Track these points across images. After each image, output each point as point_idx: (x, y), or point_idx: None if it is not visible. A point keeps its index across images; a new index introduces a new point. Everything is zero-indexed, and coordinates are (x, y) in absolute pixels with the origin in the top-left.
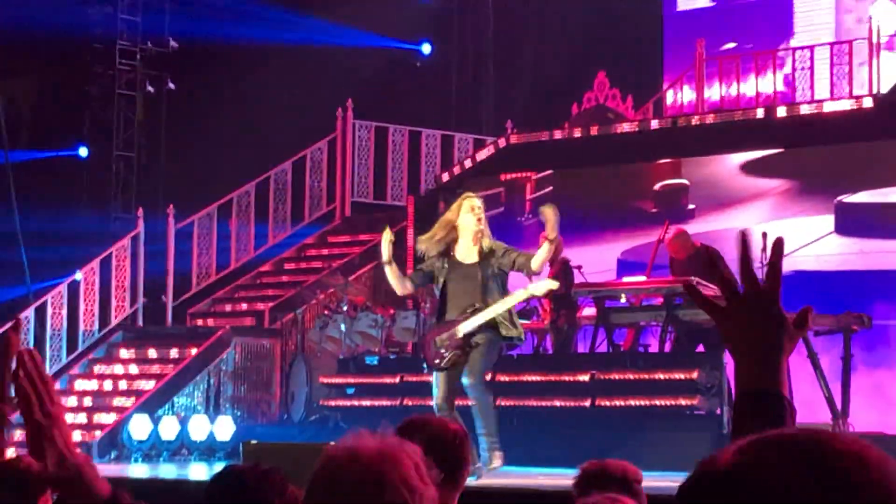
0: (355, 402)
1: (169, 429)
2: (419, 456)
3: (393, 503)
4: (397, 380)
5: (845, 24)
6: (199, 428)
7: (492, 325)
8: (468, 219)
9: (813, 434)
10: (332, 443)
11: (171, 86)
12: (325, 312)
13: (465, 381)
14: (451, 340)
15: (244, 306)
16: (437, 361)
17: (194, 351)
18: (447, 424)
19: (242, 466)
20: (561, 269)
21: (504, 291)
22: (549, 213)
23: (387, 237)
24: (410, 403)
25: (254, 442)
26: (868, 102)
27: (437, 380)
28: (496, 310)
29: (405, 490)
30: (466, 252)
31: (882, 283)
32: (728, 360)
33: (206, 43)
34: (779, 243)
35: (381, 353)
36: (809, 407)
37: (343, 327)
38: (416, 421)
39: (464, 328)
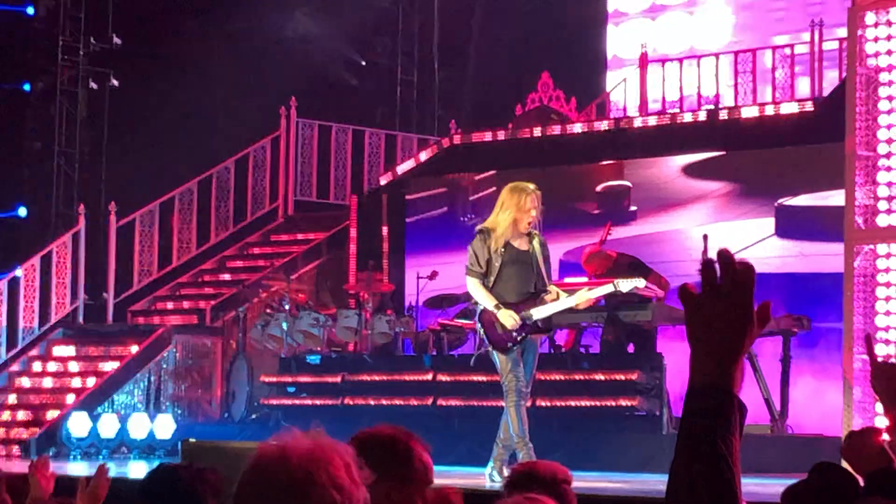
0: (296, 401)
1: (109, 427)
2: (351, 456)
3: (322, 503)
4: (339, 379)
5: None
6: (139, 426)
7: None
8: (527, 211)
9: None
10: (264, 442)
11: (114, 83)
12: (267, 311)
13: (525, 389)
14: (524, 324)
15: (186, 304)
16: (508, 344)
17: (135, 349)
18: (393, 429)
19: (177, 464)
20: None
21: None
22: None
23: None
24: (352, 402)
25: (193, 440)
26: (809, 106)
27: (505, 364)
28: (576, 299)
29: (334, 490)
30: (519, 239)
31: (821, 285)
32: (668, 362)
33: (149, 40)
34: (725, 254)
35: (323, 352)
36: (748, 408)
37: (285, 326)
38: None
39: (538, 313)
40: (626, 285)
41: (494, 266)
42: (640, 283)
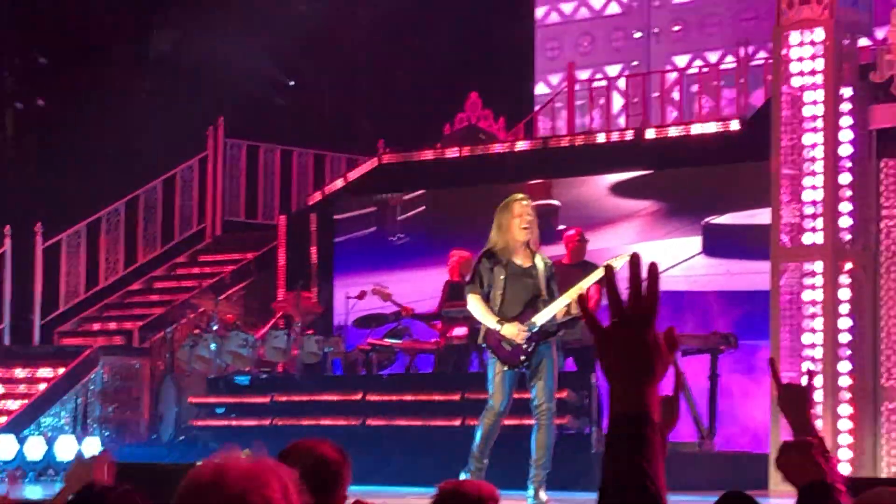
0: (225, 422)
1: (35, 449)
2: (290, 478)
3: None
4: (268, 399)
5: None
6: (66, 448)
7: (553, 348)
8: (517, 216)
9: None
10: (200, 462)
11: (41, 102)
12: (196, 332)
13: (547, 404)
14: (530, 333)
15: (113, 325)
16: (522, 358)
17: (62, 370)
18: (328, 447)
19: (102, 486)
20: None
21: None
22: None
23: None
24: (281, 423)
25: (121, 462)
26: (735, 125)
27: (499, 384)
28: (571, 295)
29: None
30: (523, 256)
31: (748, 303)
32: (600, 380)
33: (76, 60)
34: (654, 268)
35: (252, 373)
36: (676, 426)
37: (213, 347)
38: (297, 446)
39: (540, 318)
40: (619, 262)
41: (499, 281)
42: (616, 264)
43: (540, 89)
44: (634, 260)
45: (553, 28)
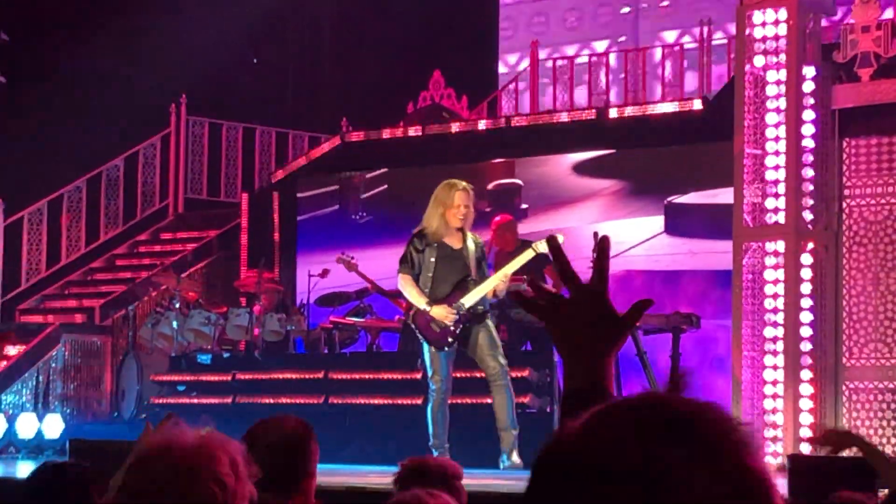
0: (187, 400)
1: None
2: (238, 452)
3: (203, 497)
4: (230, 377)
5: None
6: (27, 426)
7: (488, 318)
8: (456, 207)
9: (651, 399)
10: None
11: (1, 79)
12: (157, 310)
13: (495, 364)
14: (458, 315)
15: (74, 303)
16: (449, 339)
17: (22, 348)
18: (292, 422)
19: (62, 462)
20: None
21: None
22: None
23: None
24: (243, 401)
25: (83, 440)
26: (697, 105)
27: (435, 364)
28: (498, 276)
29: (215, 486)
30: (454, 237)
31: (711, 283)
32: (558, 359)
33: (38, 36)
34: (604, 242)
35: (214, 351)
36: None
37: (175, 324)
38: (263, 422)
39: (469, 300)
40: (544, 245)
41: (429, 263)
42: (558, 238)
43: (503, 67)
44: (604, 242)
45: (526, 5)
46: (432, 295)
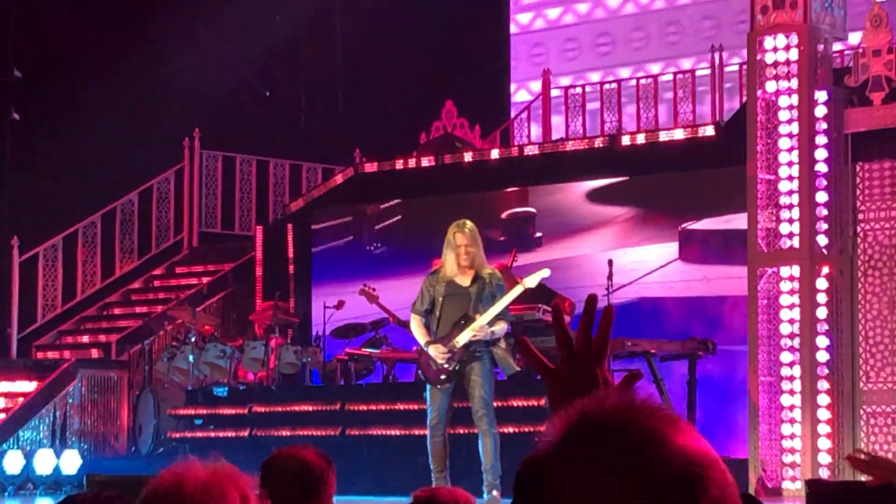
0: (204, 434)
1: (13, 463)
2: (249, 486)
3: None
4: (246, 411)
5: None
6: (45, 462)
7: (490, 357)
8: (456, 245)
9: (617, 415)
10: (161, 471)
11: (16, 116)
12: (173, 343)
13: (478, 408)
14: (451, 353)
15: (91, 338)
16: (442, 377)
17: (40, 384)
18: (310, 454)
19: (84, 495)
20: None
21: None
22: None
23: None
24: (259, 434)
25: (100, 475)
26: (710, 131)
27: (432, 398)
28: (491, 313)
29: None
30: (463, 276)
31: (726, 308)
32: None
33: (51, 73)
34: (608, 311)
35: (230, 384)
36: None
37: (191, 358)
38: (282, 452)
39: (462, 339)
40: (532, 280)
41: (438, 302)
42: (545, 273)
43: (521, 96)
44: (589, 301)
45: (537, 34)
46: (438, 333)
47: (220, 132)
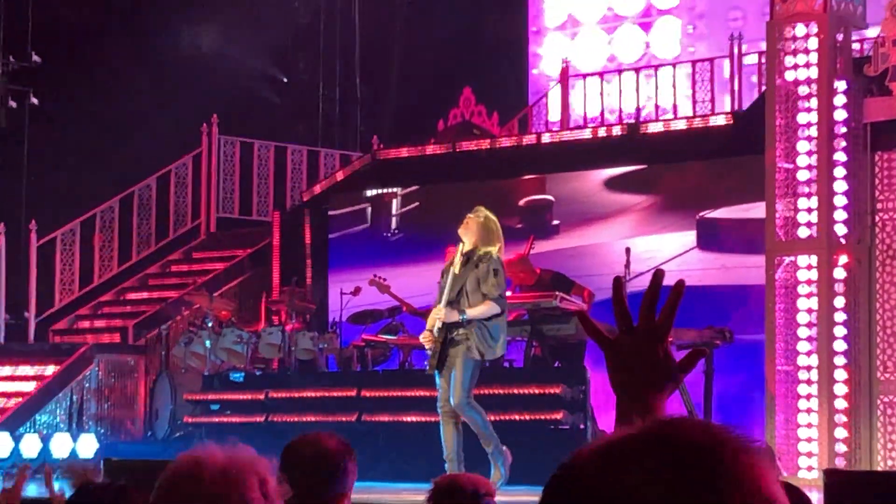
0: (220, 419)
1: (30, 446)
2: (268, 471)
3: None
4: (262, 396)
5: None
6: (62, 446)
7: (468, 345)
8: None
9: (665, 432)
10: (179, 454)
11: (34, 100)
12: (190, 329)
13: (452, 402)
14: (432, 341)
15: (108, 323)
16: (426, 364)
17: (57, 368)
18: (332, 441)
19: (100, 483)
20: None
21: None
22: None
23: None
24: (276, 419)
25: (116, 459)
26: (729, 119)
27: (437, 381)
28: (447, 295)
29: None
30: (459, 261)
31: (743, 297)
32: (594, 375)
33: (69, 58)
34: (679, 286)
35: (247, 369)
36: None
37: (208, 343)
38: (302, 438)
39: (432, 324)
40: (461, 315)
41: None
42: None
43: (534, 84)
44: (656, 275)
45: (546, 22)
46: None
47: (239, 118)
